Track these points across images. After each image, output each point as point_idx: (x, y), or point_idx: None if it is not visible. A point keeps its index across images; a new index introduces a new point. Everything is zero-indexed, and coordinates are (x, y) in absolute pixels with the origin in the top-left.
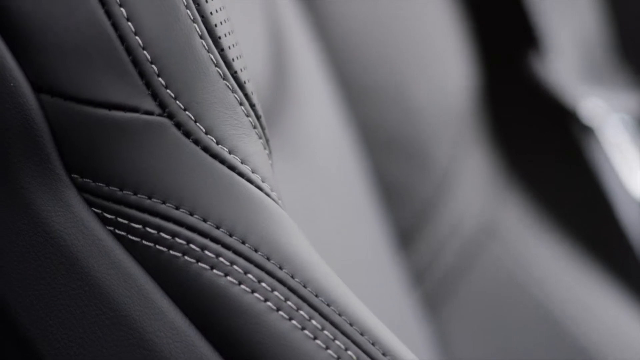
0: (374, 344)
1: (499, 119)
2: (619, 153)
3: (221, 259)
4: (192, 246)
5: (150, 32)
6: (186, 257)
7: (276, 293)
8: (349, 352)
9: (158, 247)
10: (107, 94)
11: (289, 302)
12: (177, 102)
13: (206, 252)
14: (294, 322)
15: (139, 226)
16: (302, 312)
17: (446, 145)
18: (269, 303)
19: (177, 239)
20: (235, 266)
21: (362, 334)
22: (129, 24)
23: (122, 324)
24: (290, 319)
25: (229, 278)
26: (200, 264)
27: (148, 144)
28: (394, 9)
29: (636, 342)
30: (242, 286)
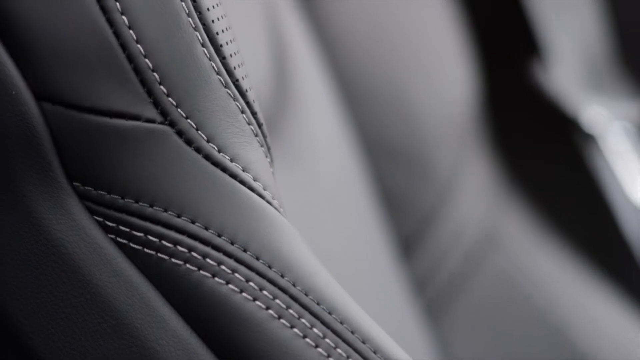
0: (375, 352)
1: (501, 127)
2: (620, 161)
3: (222, 267)
4: (194, 254)
5: (151, 40)
6: (188, 265)
7: (277, 301)
8: None
9: (159, 255)
10: (109, 102)
11: (290, 310)
12: (179, 110)
13: (207, 260)
14: (295, 330)
15: (141, 234)
16: (303, 320)
17: (448, 153)
18: (270, 311)
19: (179, 247)
20: (237, 274)
21: (364, 342)
22: (131, 31)
23: (123, 332)
24: (292, 327)
25: (230, 286)
26: (201, 272)
27: (149, 152)
28: (396, 17)
29: (638, 350)
30: (244, 294)
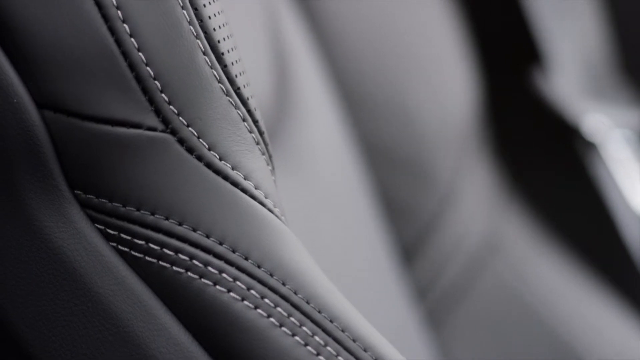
0: None
1: (502, 134)
2: (621, 168)
3: (224, 275)
4: (196, 262)
5: (153, 49)
6: (189, 273)
7: (279, 309)
8: None
9: (161, 263)
10: (110, 110)
11: (292, 318)
12: (181, 118)
13: (209, 268)
14: (297, 338)
15: (142, 242)
16: (305, 328)
17: (449, 160)
18: (272, 319)
19: (181, 255)
20: (239, 282)
21: (365, 350)
22: (132, 40)
23: (125, 340)
24: (294, 335)
25: (232, 294)
26: (203, 280)
27: (151, 160)
28: (398, 23)
29: (638, 357)
30: (246, 302)
